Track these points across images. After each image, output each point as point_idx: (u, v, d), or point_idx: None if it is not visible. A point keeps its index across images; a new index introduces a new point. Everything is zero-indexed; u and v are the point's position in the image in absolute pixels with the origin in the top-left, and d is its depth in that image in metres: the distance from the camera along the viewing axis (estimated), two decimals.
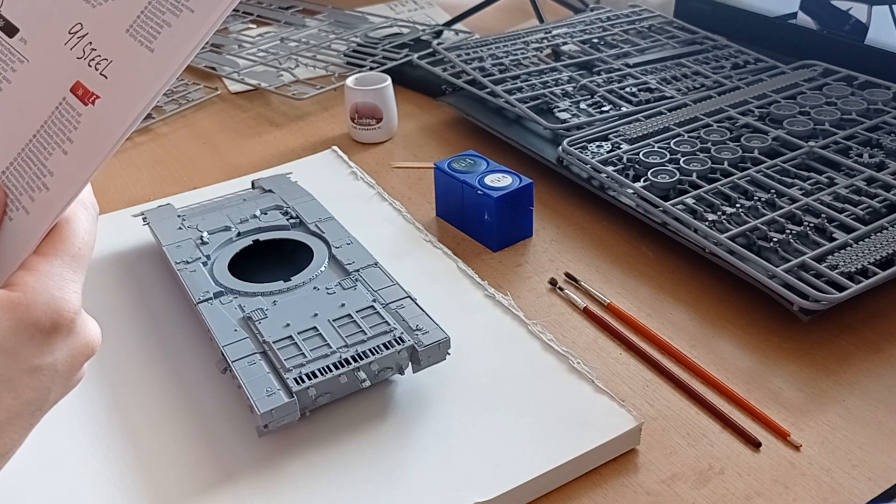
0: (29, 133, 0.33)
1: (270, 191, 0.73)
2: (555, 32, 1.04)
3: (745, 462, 0.51)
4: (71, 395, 0.56)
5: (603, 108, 0.86)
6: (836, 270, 0.60)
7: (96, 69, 0.32)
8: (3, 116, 0.34)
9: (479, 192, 0.70)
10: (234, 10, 1.32)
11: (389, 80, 0.91)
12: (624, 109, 0.86)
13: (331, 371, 0.51)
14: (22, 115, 0.33)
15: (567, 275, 0.68)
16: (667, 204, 0.68)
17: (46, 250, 0.35)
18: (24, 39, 0.34)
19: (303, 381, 0.51)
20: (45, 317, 0.33)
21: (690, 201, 0.69)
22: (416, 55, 1.01)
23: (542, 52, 1.00)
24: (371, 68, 1.02)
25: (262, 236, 0.66)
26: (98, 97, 0.32)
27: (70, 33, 0.33)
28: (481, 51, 0.98)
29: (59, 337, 0.34)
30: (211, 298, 0.59)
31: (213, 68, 1.10)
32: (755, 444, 0.52)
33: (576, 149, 0.78)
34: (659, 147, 0.77)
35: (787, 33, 0.98)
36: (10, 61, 0.34)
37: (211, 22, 0.31)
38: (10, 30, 0.34)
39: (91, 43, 0.32)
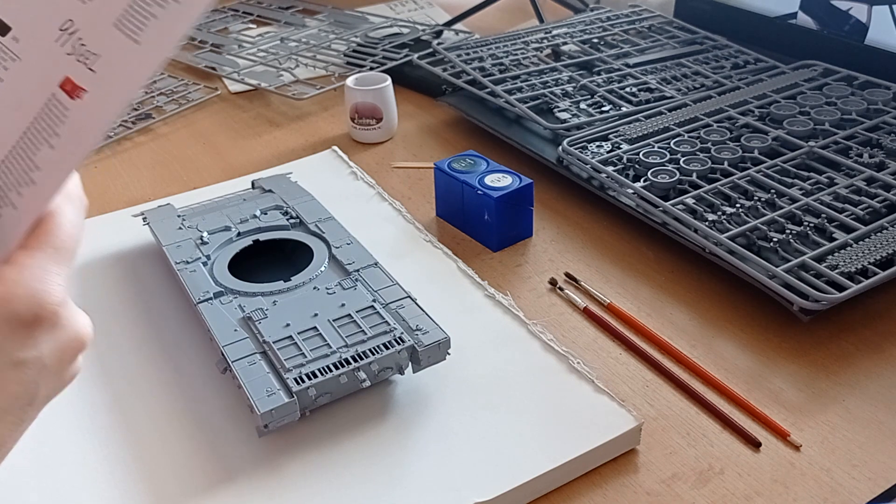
0: (19, 130, 0.33)
1: (270, 191, 0.73)
2: (555, 32, 1.04)
3: (745, 462, 0.51)
4: (71, 395, 0.56)
5: (603, 108, 0.86)
6: (836, 270, 0.60)
7: (85, 64, 0.32)
8: None
9: (479, 192, 0.70)
10: (234, 10, 1.32)
11: (389, 80, 0.91)
12: (624, 109, 0.86)
13: (331, 371, 0.51)
14: (13, 113, 0.33)
15: (567, 275, 0.68)
16: (667, 204, 0.68)
17: (29, 243, 0.34)
18: (16, 38, 0.34)
19: (303, 381, 0.51)
20: (25, 309, 0.33)
21: (690, 201, 0.69)
22: (416, 55, 1.01)
23: (542, 52, 1.00)
24: (371, 68, 1.02)
25: (262, 236, 0.66)
26: (85, 91, 0.32)
27: (61, 30, 0.33)
28: (481, 51, 0.98)
29: (43, 330, 0.34)
30: (211, 298, 0.59)
31: (213, 68, 1.10)
32: (755, 444, 0.52)
33: (576, 149, 0.78)
34: (659, 147, 0.77)
35: (787, 33, 0.98)
36: (2, 60, 0.34)
37: (196, 13, 0.31)
38: (3, 28, 0.34)
39: (81, 39, 0.32)
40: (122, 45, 0.31)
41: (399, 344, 0.53)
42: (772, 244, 0.64)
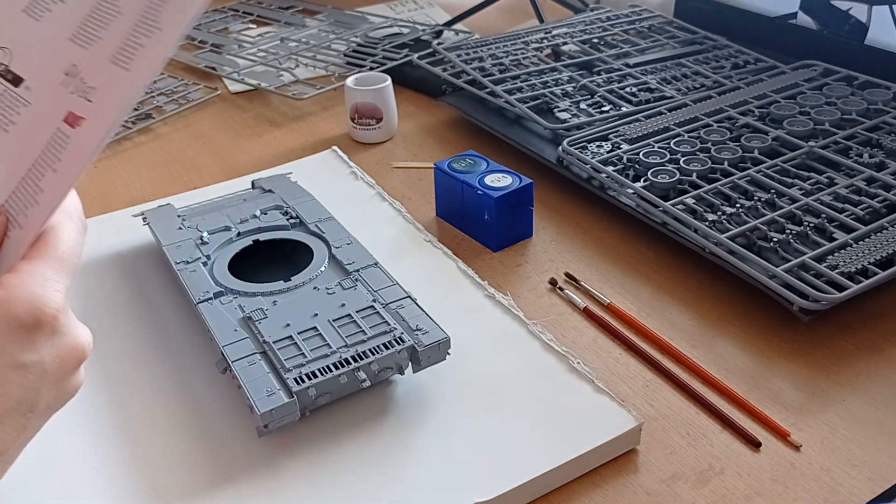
0: (28, 163, 0.37)
1: (270, 191, 0.73)
2: (555, 32, 1.04)
3: (745, 462, 0.51)
4: None
5: (603, 108, 0.86)
6: (836, 270, 0.60)
7: (85, 97, 0.36)
8: (9, 153, 0.37)
9: (479, 192, 0.70)
10: (234, 9, 1.32)
11: (389, 80, 0.91)
12: (624, 109, 0.86)
13: (331, 371, 0.51)
14: (24, 150, 0.37)
15: (567, 275, 0.68)
16: (667, 204, 0.68)
17: (31, 254, 0.36)
18: (28, 87, 0.38)
19: (303, 381, 0.51)
20: (26, 312, 0.34)
21: (690, 201, 0.69)
22: (416, 55, 1.01)
23: (542, 52, 1.00)
24: (371, 68, 1.02)
25: (262, 236, 0.66)
26: (84, 119, 0.36)
27: (66, 74, 0.37)
28: (481, 51, 0.98)
29: (43, 334, 0.34)
30: (211, 298, 0.59)
31: (213, 68, 1.10)
32: (755, 444, 0.52)
33: (576, 149, 0.78)
34: (659, 147, 0.77)
35: (787, 33, 0.98)
36: (16, 107, 0.38)
37: (176, 37, 0.34)
38: (17, 80, 0.38)
39: (83, 79, 0.36)
40: (116, 76, 0.35)
41: (399, 344, 0.53)
42: (772, 244, 0.64)
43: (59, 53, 0.37)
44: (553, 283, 0.67)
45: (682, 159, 0.74)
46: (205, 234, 0.66)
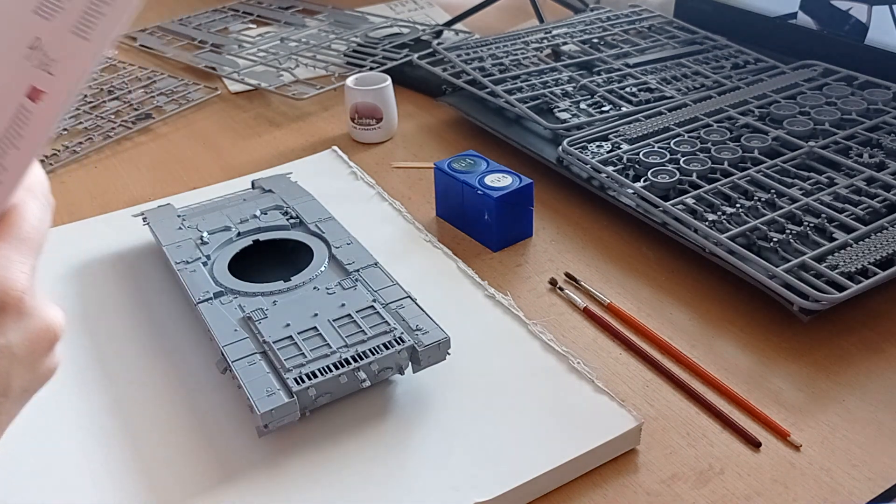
0: None
1: (270, 191, 0.73)
2: (555, 32, 1.04)
3: (745, 462, 0.51)
4: (71, 395, 0.56)
5: (603, 108, 0.86)
6: (836, 270, 0.60)
7: (46, 70, 0.35)
8: None
9: (479, 192, 0.70)
10: (234, 10, 1.32)
11: (389, 80, 0.91)
12: (624, 109, 0.86)
13: (331, 371, 0.51)
14: None
15: (567, 275, 0.68)
16: (667, 204, 0.68)
17: None
18: None
19: (303, 381, 0.51)
20: None
21: (690, 201, 0.69)
22: (416, 55, 1.01)
23: (542, 52, 1.00)
24: (371, 68, 1.02)
25: (262, 236, 0.67)
26: (45, 93, 0.35)
27: (30, 48, 0.35)
28: (481, 51, 0.98)
29: (9, 317, 0.34)
30: (211, 298, 0.59)
31: (213, 68, 1.10)
32: (755, 444, 0.52)
33: (576, 149, 0.78)
34: (659, 147, 0.77)
35: (787, 33, 0.98)
36: None
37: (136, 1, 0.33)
38: None
39: (46, 52, 0.35)
40: (76, 46, 0.34)
41: (399, 344, 0.53)
42: (772, 244, 0.64)
43: (23, 27, 0.36)
44: (553, 283, 0.67)
45: (682, 159, 0.74)
46: (205, 234, 0.66)
